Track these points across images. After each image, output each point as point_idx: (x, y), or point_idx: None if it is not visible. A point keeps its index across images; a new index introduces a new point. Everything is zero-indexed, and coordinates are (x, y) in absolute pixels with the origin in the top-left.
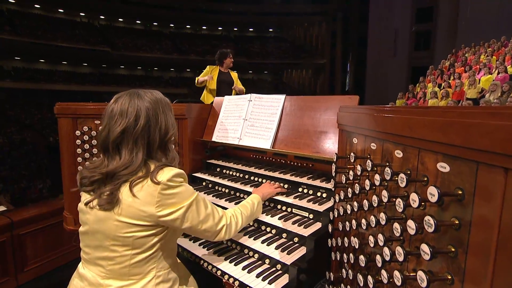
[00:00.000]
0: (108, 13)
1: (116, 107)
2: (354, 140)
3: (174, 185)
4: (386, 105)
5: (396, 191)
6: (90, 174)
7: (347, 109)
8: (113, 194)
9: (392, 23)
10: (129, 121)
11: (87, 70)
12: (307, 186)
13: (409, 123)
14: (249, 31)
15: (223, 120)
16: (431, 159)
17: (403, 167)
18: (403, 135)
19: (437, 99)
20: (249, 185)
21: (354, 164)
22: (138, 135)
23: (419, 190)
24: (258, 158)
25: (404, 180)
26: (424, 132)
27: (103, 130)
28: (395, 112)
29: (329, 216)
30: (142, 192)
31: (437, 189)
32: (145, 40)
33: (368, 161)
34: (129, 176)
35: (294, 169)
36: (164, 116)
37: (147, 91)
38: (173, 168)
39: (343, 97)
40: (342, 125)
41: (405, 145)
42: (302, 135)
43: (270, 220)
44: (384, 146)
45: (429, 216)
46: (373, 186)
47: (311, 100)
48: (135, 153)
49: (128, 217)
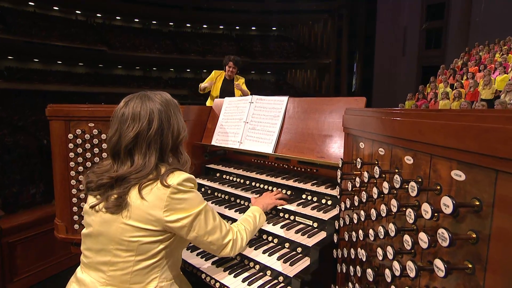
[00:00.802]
0: (105, 11)
1: (128, 111)
2: (361, 144)
3: (184, 189)
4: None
5: (406, 200)
6: (97, 178)
7: (353, 111)
8: (122, 197)
9: (401, 20)
10: (142, 125)
11: (83, 70)
12: (311, 193)
13: (419, 127)
14: (252, 30)
15: (223, 123)
16: (444, 166)
17: (414, 175)
18: (414, 140)
19: (449, 100)
20: (250, 191)
21: (361, 170)
22: (152, 139)
23: (431, 200)
24: (260, 162)
25: (415, 188)
26: (437, 137)
27: (114, 135)
28: (404, 115)
29: (334, 225)
30: (151, 195)
31: (452, 200)
32: (144, 39)
33: (376, 167)
34: (140, 179)
35: (297, 174)
36: (175, 118)
37: (156, 93)
38: (183, 173)
39: (349, 99)
40: (348, 128)
41: (415, 151)
42: (306, 139)
43: (272, 228)
44: (393, 152)
45: (443, 229)
46: (381, 195)
47: (315, 102)
48: (148, 157)
49: (135, 220)
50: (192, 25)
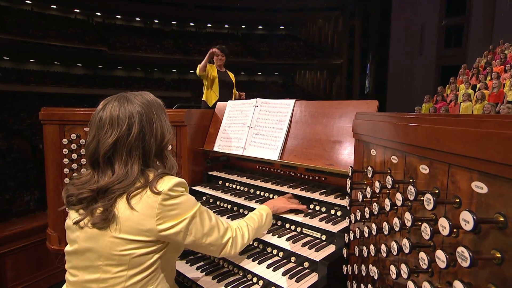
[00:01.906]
0: (105, 10)
1: (105, 115)
2: (372, 151)
3: (176, 195)
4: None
5: (422, 213)
6: (77, 191)
7: (364, 116)
8: (108, 210)
9: (418, 17)
10: (121, 130)
11: (82, 71)
12: (319, 203)
13: (436, 134)
14: (258, 29)
15: (226, 128)
16: (464, 177)
17: (430, 185)
18: (429, 148)
19: (471, 102)
20: (254, 200)
21: (372, 180)
22: (132, 145)
23: (449, 214)
24: (265, 170)
25: (431, 201)
26: (455, 145)
27: (91, 142)
28: (419, 120)
29: (344, 238)
30: (141, 204)
31: (472, 215)
32: (145, 39)
33: (388, 177)
34: (125, 188)
35: (304, 182)
36: (158, 120)
37: (137, 94)
38: (173, 177)
39: (360, 102)
40: (358, 134)
41: (432, 159)
42: (314, 145)
43: (277, 241)
44: (407, 160)
45: (463, 248)
46: (394, 207)
47: (323, 106)
48: (130, 165)
49: (126, 233)
50: (196, 24)
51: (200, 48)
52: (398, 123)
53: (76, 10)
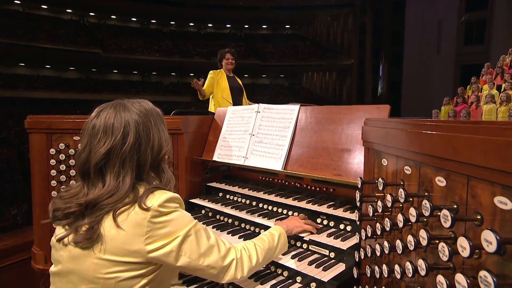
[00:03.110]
0: (99, 10)
1: (99, 123)
2: (384, 161)
3: (167, 211)
4: (429, 113)
5: (439, 230)
6: (64, 205)
7: (375, 122)
8: (94, 228)
9: (435, 12)
10: (115, 139)
11: (74, 75)
12: (327, 216)
13: (453, 142)
14: (262, 29)
15: (227, 136)
16: (485, 191)
17: (448, 200)
18: (446, 158)
19: (495, 104)
20: (256, 214)
21: (384, 192)
22: (126, 155)
23: (470, 232)
24: (268, 180)
25: (448, 218)
26: (474, 155)
27: (83, 151)
28: (434, 127)
29: (354, 255)
30: (128, 221)
31: (495, 235)
32: (142, 40)
33: (401, 190)
34: (114, 204)
35: (311, 194)
36: (156, 131)
37: (134, 101)
38: (165, 191)
39: (370, 107)
40: (368, 142)
41: (449, 171)
42: (321, 154)
43: (281, 258)
44: (421, 171)
45: (486, 272)
46: (408, 222)
47: (330, 111)
48: (121, 177)
49: (111, 254)
50: (196, 24)
51: (201, 50)
52: (411, 131)
53: (68, 10)
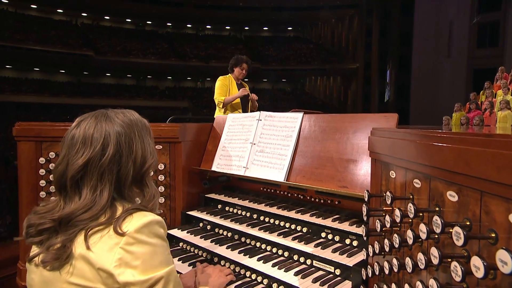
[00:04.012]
0: (92, 10)
1: (78, 133)
2: (392, 173)
3: (143, 239)
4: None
5: (452, 248)
6: (38, 221)
7: (381, 132)
8: (65, 247)
9: (445, 13)
10: (94, 151)
11: (65, 78)
12: (332, 231)
13: (464, 156)
14: (263, 31)
15: (226, 145)
16: (499, 207)
17: (460, 216)
18: (458, 172)
19: (510, 110)
20: (257, 227)
21: (392, 206)
22: (105, 168)
23: (484, 251)
24: (270, 192)
25: (460, 236)
26: (487, 170)
27: (60, 162)
28: (444, 139)
29: (361, 273)
30: (99, 244)
31: (511, 255)
32: (137, 42)
33: (410, 204)
34: (88, 221)
35: (315, 207)
36: (140, 142)
37: (119, 112)
38: (146, 214)
39: (377, 116)
40: (375, 153)
41: (461, 185)
42: (325, 164)
43: (283, 276)
44: (431, 184)
45: None
46: (418, 239)
47: (335, 120)
48: (99, 191)
49: (80, 277)
50: (194, 25)
51: (199, 52)
52: (421, 142)
53: (59, 10)
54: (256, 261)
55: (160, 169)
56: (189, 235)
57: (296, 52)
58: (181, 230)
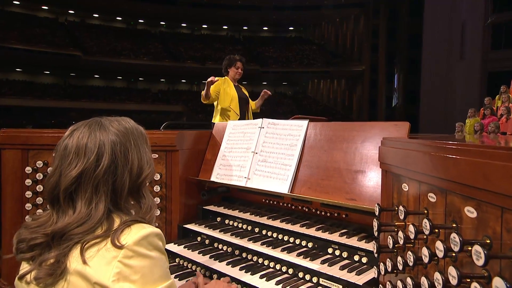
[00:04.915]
0: (79, 7)
1: (71, 143)
2: (404, 186)
3: (143, 252)
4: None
5: (471, 268)
6: (30, 236)
7: (393, 142)
8: (60, 262)
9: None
10: (88, 161)
11: (50, 80)
12: (340, 246)
13: (483, 170)
14: (263, 31)
15: (226, 153)
16: None
17: (479, 233)
18: (476, 187)
19: None
20: (259, 242)
21: (405, 221)
22: (100, 179)
23: (506, 272)
24: (273, 204)
25: (481, 255)
26: (508, 186)
27: (52, 174)
28: (460, 152)
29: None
30: (96, 258)
31: None
32: (128, 42)
33: (425, 220)
34: (83, 235)
35: (321, 220)
36: (136, 152)
37: (113, 120)
38: (144, 226)
39: (387, 124)
40: (386, 164)
41: (479, 201)
42: (332, 175)
43: None
44: (447, 199)
45: None
46: (434, 257)
47: (343, 128)
48: (94, 203)
49: None
50: (189, 24)
51: (194, 54)
52: (435, 154)
53: (44, 7)
54: (259, 279)
55: (156, 179)
56: (186, 250)
57: (297, 53)
58: (177, 245)
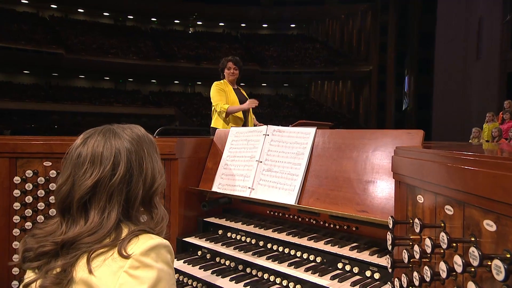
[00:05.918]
0: (63, 1)
1: (86, 151)
2: (419, 198)
3: (150, 263)
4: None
5: (490, 284)
6: (37, 245)
7: (407, 152)
8: (66, 271)
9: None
10: (104, 171)
11: (30, 80)
12: (350, 261)
13: (502, 182)
14: (263, 28)
15: (229, 162)
16: None
17: (499, 247)
18: (495, 200)
19: None
20: (264, 256)
21: (421, 235)
22: (115, 188)
23: None
24: (278, 215)
25: (501, 270)
26: None
27: (64, 183)
28: (478, 163)
29: None
30: (102, 268)
31: None
32: (116, 40)
33: (443, 234)
34: (92, 244)
35: (330, 233)
36: (150, 161)
37: (125, 127)
38: (152, 237)
39: (399, 132)
40: (399, 175)
41: (499, 214)
42: (341, 186)
43: None
44: (466, 212)
45: None
46: (452, 272)
47: (353, 136)
48: (107, 213)
49: None
50: (182, 21)
51: (188, 52)
52: (452, 165)
53: (23, 0)
54: None
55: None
56: (185, 265)
57: (300, 52)
58: (176, 260)
